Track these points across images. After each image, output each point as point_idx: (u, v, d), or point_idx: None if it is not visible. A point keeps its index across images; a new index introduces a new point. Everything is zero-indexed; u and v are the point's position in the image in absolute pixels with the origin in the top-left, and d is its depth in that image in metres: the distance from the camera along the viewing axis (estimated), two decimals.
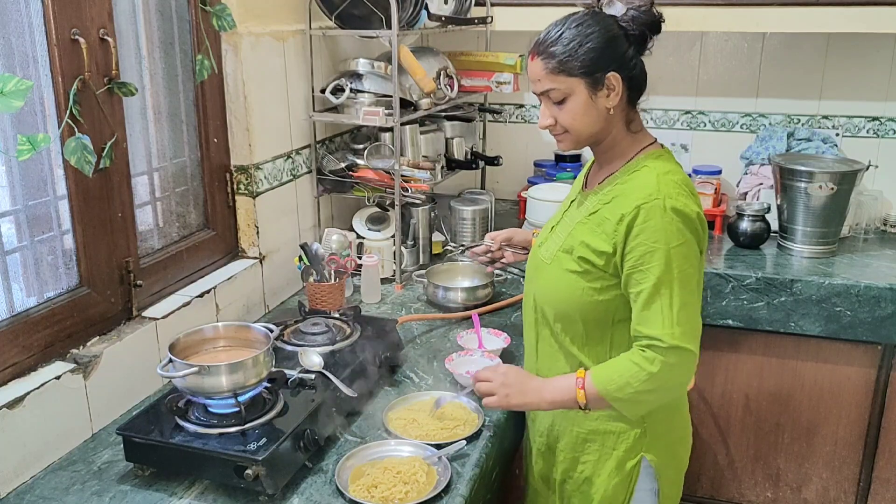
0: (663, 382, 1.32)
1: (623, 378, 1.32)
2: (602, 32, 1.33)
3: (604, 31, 1.33)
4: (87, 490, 1.34)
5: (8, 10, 1.36)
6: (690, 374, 1.37)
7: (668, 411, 1.46)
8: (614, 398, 1.33)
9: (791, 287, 2.21)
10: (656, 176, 1.35)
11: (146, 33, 1.72)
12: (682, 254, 1.31)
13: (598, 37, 1.32)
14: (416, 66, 2.18)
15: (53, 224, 1.51)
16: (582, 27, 1.33)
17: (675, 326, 1.29)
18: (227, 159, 1.98)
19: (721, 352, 2.39)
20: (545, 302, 1.49)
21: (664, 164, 1.39)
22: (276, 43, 2.06)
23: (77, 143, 1.43)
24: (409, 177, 2.20)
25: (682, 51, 2.77)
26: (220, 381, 1.33)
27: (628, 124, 1.41)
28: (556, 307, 1.46)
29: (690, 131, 2.83)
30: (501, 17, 2.64)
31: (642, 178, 1.36)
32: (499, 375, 1.46)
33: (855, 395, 2.29)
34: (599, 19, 1.34)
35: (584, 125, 1.37)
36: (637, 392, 1.31)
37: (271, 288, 2.10)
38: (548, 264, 1.47)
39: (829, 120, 2.69)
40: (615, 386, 1.32)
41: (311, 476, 1.37)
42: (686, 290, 1.31)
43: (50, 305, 1.48)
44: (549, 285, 1.47)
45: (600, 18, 1.34)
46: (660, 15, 1.37)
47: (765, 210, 2.45)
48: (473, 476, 1.39)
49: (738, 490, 2.50)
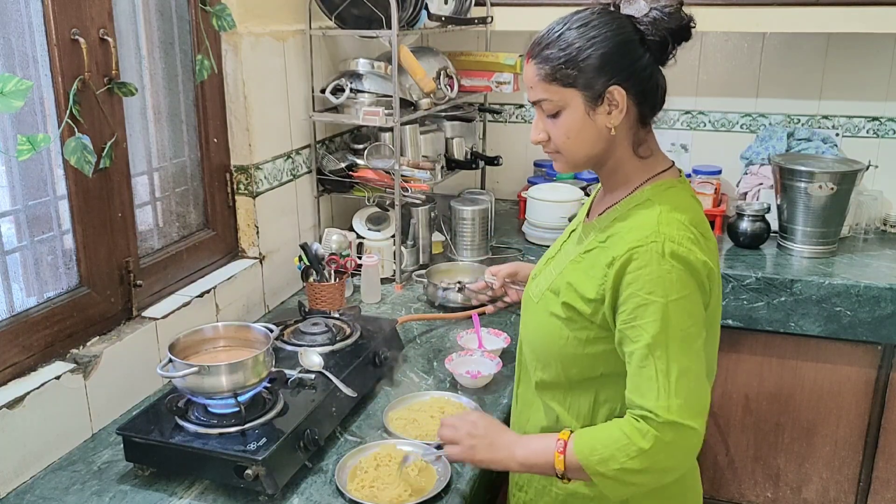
0: (655, 462, 1.09)
1: (609, 450, 1.10)
2: (610, 36, 1.12)
3: (613, 35, 1.12)
4: (87, 490, 1.34)
5: (8, 10, 1.36)
6: (690, 455, 1.14)
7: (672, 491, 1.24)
8: (595, 472, 1.10)
9: (791, 287, 2.21)
10: (658, 213, 1.14)
11: (146, 33, 1.72)
12: (683, 309, 1.09)
13: (603, 42, 1.12)
14: (416, 66, 2.18)
15: (53, 224, 1.51)
16: (586, 28, 1.13)
17: (671, 398, 1.07)
18: (227, 159, 1.98)
19: (721, 352, 2.33)
20: (527, 344, 1.32)
21: (673, 198, 1.17)
22: (276, 43, 2.06)
23: (77, 143, 1.43)
24: (409, 177, 2.20)
25: (682, 50, 2.74)
26: (220, 381, 1.33)
27: (636, 147, 1.20)
28: (536, 352, 1.28)
29: (690, 131, 2.83)
30: (501, 17, 2.64)
31: (642, 216, 1.15)
32: (466, 423, 1.25)
33: (855, 395, 2.29)
34: (610, 20, 1.14)
35: (579, 146, 1.17)
36: (623, 469, 1.09)
37: (271, 288, 2.10)
38: (535, 303, 1.29)
39: (829, 120, 2.69)
40: (598, 458, 1.10)
41: (311, 476, 1.37)
42: (688, 354, 1.09)
43: (50, 305, 1.48)
44: (532, 327, 1.29)
45: (612, 19, 1.14)
46: (690, 18, 1.16)
47: (765, 210, 2.45)
48: (473, 476, 1.39)
49: (738, 490, 2.50)
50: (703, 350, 1.13)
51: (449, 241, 2.44)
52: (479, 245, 2.41)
